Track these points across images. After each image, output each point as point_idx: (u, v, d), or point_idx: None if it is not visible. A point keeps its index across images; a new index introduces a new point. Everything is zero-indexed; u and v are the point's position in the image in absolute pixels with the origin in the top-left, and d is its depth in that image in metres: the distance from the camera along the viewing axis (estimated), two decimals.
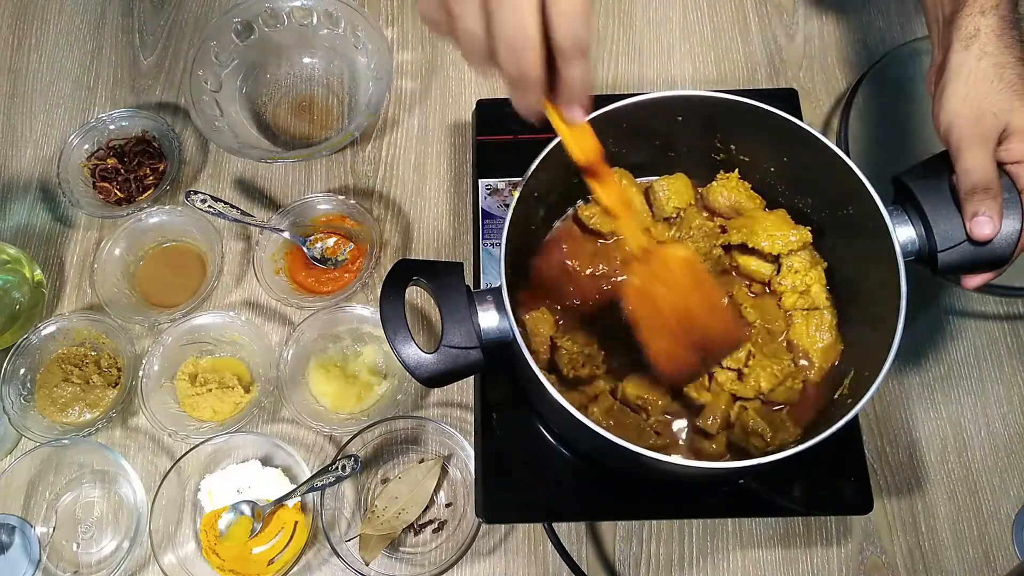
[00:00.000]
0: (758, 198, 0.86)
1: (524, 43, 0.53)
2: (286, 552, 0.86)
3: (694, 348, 0.70)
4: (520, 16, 0.53)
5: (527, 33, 0.53)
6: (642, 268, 0.68)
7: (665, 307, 0.68)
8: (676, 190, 0.86)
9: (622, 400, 0.78)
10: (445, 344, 0.67)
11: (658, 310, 0.69)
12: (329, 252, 1.00)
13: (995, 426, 0.92)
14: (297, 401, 0.91)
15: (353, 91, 1.11)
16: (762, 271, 0.83)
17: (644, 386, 0.77)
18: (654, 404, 0.77)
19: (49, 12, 1.17)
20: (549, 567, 0.88)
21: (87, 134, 1.04)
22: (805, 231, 0.82)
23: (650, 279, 0.68)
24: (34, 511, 0.91)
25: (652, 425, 0.77)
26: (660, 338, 0.69)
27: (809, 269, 0.82)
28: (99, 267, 0.97)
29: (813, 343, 0.80)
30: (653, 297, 0.68)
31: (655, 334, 0.69)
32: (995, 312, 0.97)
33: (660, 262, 0.68)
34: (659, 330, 0.69)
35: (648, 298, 0.69)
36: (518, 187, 0.74)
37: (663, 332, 0.69)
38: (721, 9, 1.15)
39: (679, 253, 0.69)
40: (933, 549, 0.88)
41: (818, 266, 0.82)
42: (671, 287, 0.68)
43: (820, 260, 0.83)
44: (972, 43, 0.73)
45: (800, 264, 0.82)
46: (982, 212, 0.69)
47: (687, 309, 0.69)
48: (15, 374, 0.93)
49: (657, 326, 0.69)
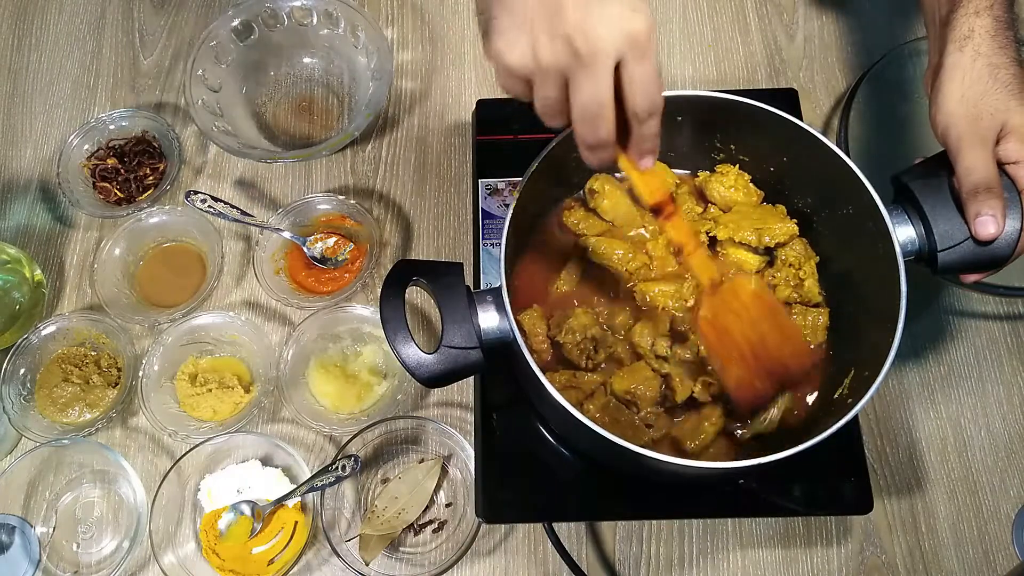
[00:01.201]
0: (756, 192, 0.86)
1: (600, 111, 0.57)
2: (286, 552, 0.86)
3: (766, 374, 0.73)
4: (597, 89, 0.56)
5: (602, 103, 0.56)
6: (713, 300, 0.71)
7: (738, 336, 0.72)
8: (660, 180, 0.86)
9: (612, 396, 0.78)
10: (445, 344, 0.68)
11: (732, 340, 0.72)
12: (329, 252, 1.00)
13: (995, 426, 0.92)
14: (297, 401, 0.91)
15: (353, 91, 1.11)
16: (749, 262, 0.83)
17: (632, 380, 0.78)
18: (643, 397, 0.77)
19: (49, 12, 1.17)
20: (549, 567, 0.88)
21: (87, 134, 1.05)
22: (792, 223, 0.82)
23: (722, 310, 0.71)
24: (34, 511, 0.91)
25: (643, 418, 0.78)
26: (734, 367, 0.72)
27: (803, 263, 0.82)
28: (99, 267, 0.97)
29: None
30: (725, 327, 0.71)
31: (729, 363, 0.72)
32: (995, 312, 0.97)
33: (731, 292, 0.71)
34: (733, 359, 0.72)
35: (720, 329, 0.72)
36: (518, 187, 0.75)
37: (736, 361, 0.72)
38: (721, 9, 1.15)
39: (748, 286, 0.72)
40: (933, 549, 0.88)
41: (811, 260, 0.83)
42: (742, 317, 0.71)
43: (812, 254, 0.83)
44: (966, 44, 0.73)
45: (794, 258, 0.82)
46: (985, 212, 0.69)
47: (759, 337, 0.72)
48: (15, 374, 0.93)
49: (730, 355, 0.72)
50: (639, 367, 0.79)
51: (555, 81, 0.56)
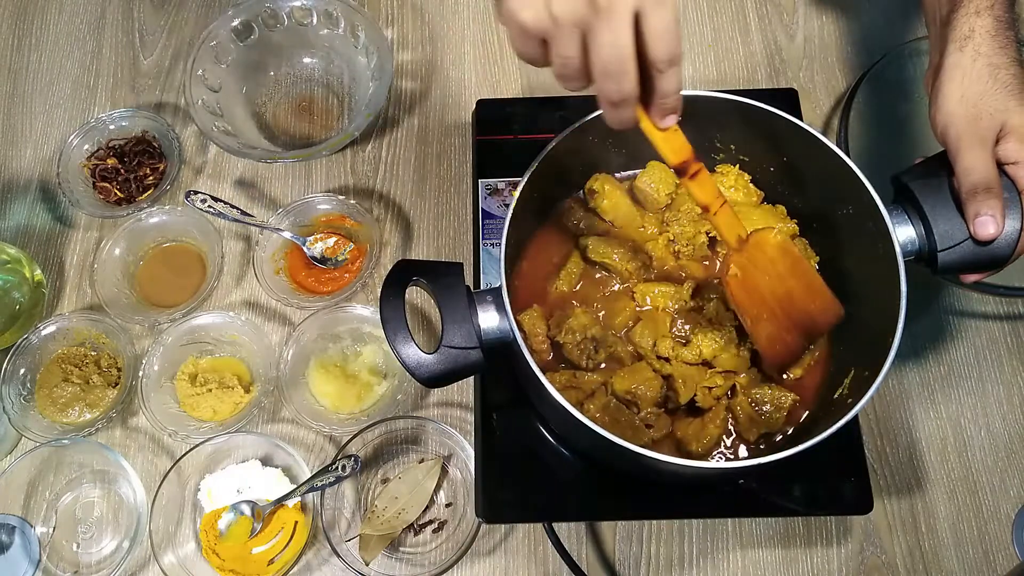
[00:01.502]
0: (756, 192, 0.86)
1: (622, 65, 0.55)
2: (286, 552, 0.86)
3: (796, 329, 0.74)
4: (617, 38, 0.54)
5: (624, 55, 0.55)
6: (740, 258, 0.71)
7: (766, 293, 0.72)
8: (659, 179, 0.86)
9: (613, 395, 0.78)
10: (445, 344, 0.68)
11: (760, 297, 0.72)
12: (329, 252, 1.00)
13: (995, 426, 0.92)
14: (297, 401, 0.91)
15: (353, 91, 1.11)
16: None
17: (632, 380, 0.78)
18: (644, 398, 0.77)
19: (49, 12, 1.17)
20: (549, 567, 0.88)
21: (87, 134, 1.05)
22: (791, 223, 0.82)
23: (749, 268, 0.71)
24: (34, 511, 0.91)
25: (644, 419, 0.78)
26: (764, 323, 0.73)
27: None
28: (99, 267, 0.97)
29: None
30: (754, 285, 0.72)
31: (759, 321, 0.73)
32: (995, 312, 0.97)
33: (756, 248, 0.71)
34: (763, 317, 0.72)
35: (749, 287, 0.72)
36: (518, 187, 0.75)
37: (767, 318, 0.73)
38: (721, 9, 1.15)
39: (773, 239, 0.72)
40: (933, 549, 0.88)
41: (810, 260, 0.83)
42: (768, 273, 0.72)
43: (812, 254, 0.84)
44: (966, 44, 0.73)
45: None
46: (984, 212, 0.69)
47: (787, 292, 0.72)
48: (15, 374, 0.93)
49: (760, 313, 0.72)
50: (640, 367, 0.79)
51: (572, 37, 0.55)
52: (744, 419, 0.77)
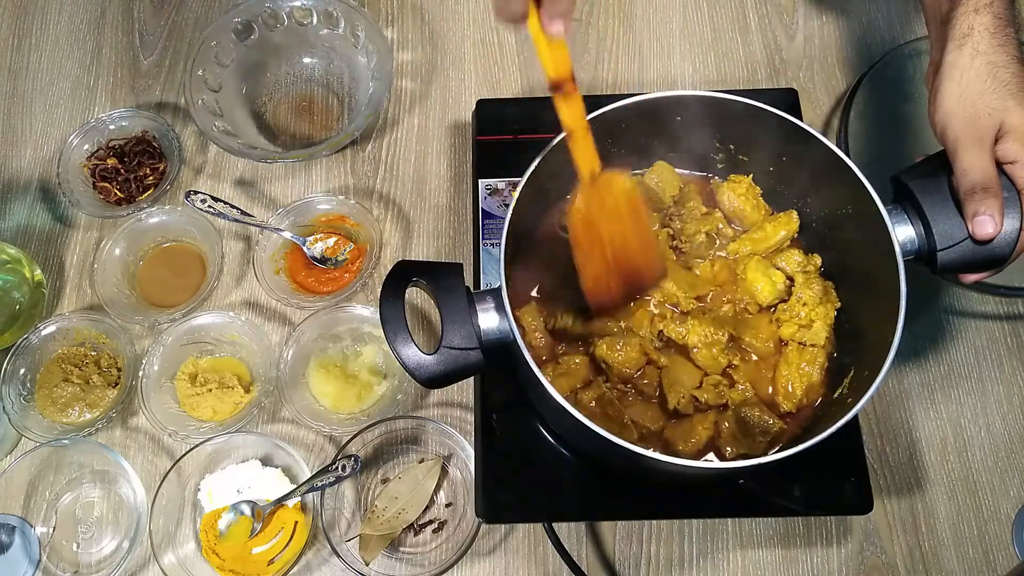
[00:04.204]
0: (765, 207, 0.86)
1: None
2: (286, 552, 0.86)
3: (621, 277, 0.74)
4: None
5: None
6: (588, 192, 0.71)
7: (603, 232, 0.72)
8: (665, 179, 0.86)
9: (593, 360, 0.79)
10: (445, 345, 0.68)
11: (597, 235, 0.72)
12: (329, 252, 1.00)
13: (995, 426, 0.92)
14: (297, 401, 0.91)
15: (353, 91, 1.11)
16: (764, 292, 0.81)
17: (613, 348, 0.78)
18: (619, 363, 0.78)
19: (49, 12, 1.17)
20: (549, 567, 0.88)
21: (87, 134, 1.05)
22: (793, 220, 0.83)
23: (594, 206, 0.71)
24: (34, 511, 0.91)
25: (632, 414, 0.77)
26: (593, 262, 0.73)
27: (817, 305, 0.79)
28: (99, 267, 0.97)
29: (800, 375, 0.78)
30: (594, 222, 0.72)
31: (590, 259, 0.73)
32: (995, 312, 0.97)
33: (606, 188, 0.71)
34: (594, 255, 0.73)
35: (589, 223, 0.72)
36: (518, 187, 0.75)
37: (597, 257, 0.73)
38: (721, 9, 1.15)
39: (622, 183, 0.72)
40: (933, 549, 0.88)
41: (829, 304, 0.80)
42: (611, 215, 0.72)
43: (835, 299, 0.81)
44: (965, 42, 0.73)
45: (811, 298, 0.80)
46: (983, 211, 0.69)
47: (622, 237, 0.73)
48: (15, 374, 0.93)
49: (593, 251, 0.73)
50: (631, 340, 0.79)
51: None
52: (727, 434, 0.77)
